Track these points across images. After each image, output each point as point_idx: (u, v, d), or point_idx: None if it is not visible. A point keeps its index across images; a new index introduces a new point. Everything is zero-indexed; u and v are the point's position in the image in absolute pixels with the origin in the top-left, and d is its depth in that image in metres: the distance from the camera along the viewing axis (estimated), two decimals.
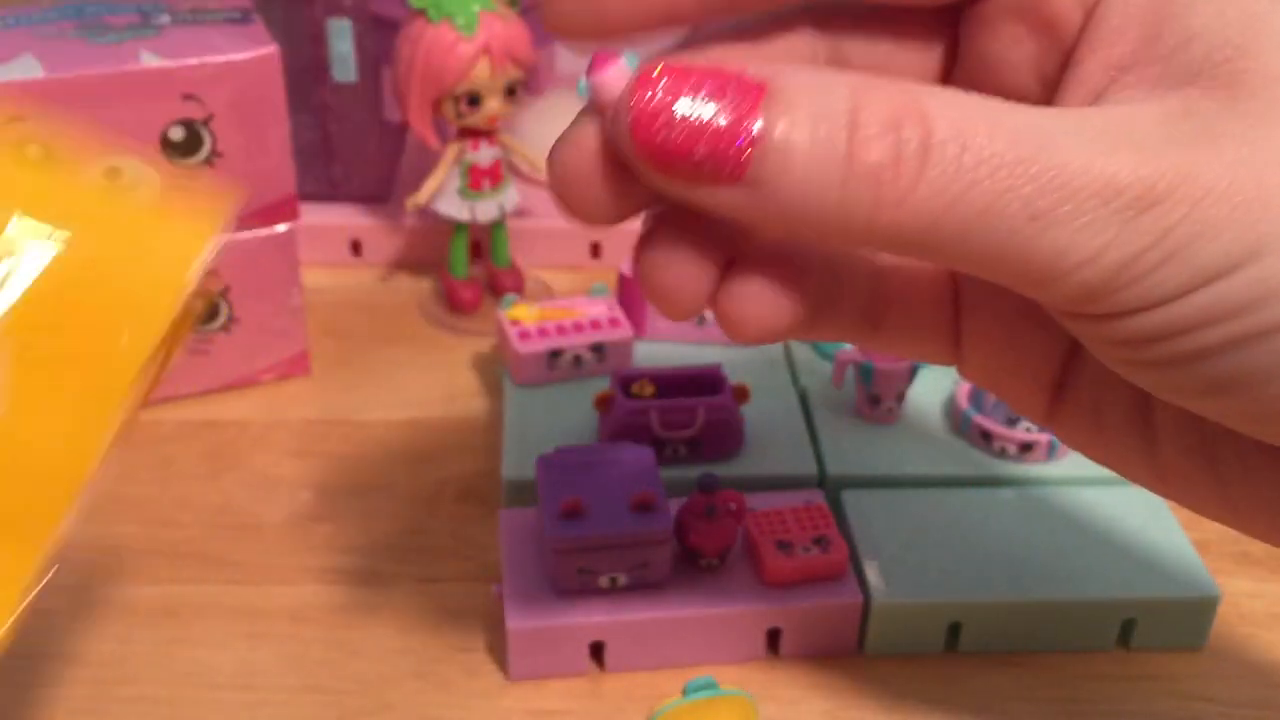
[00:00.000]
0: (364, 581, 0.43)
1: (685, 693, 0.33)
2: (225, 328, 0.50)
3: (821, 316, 0.26)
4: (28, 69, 0.44)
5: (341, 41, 0.56)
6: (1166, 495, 0.26)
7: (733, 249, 0.24)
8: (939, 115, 0.20)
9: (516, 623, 0.38)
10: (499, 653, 0.40)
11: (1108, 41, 0.23)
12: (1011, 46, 0.24)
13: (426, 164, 0.58)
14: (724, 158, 0.21)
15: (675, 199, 0.22)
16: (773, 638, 0.40)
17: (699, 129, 0.21)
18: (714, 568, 0.40)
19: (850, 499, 0.43)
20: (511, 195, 0.56)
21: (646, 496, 0.38)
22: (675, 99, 0.21)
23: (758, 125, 0.20)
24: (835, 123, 0.20)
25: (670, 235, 0.23)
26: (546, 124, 0.64)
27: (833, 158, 0.20)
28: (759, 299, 0.24)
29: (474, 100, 0.52)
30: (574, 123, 0.23)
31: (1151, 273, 0.21)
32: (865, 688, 0.39)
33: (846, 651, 0.40)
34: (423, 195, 0.54)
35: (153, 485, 0.47)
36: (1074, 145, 0.21)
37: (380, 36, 0.57)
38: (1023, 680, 0.39)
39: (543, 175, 0.61)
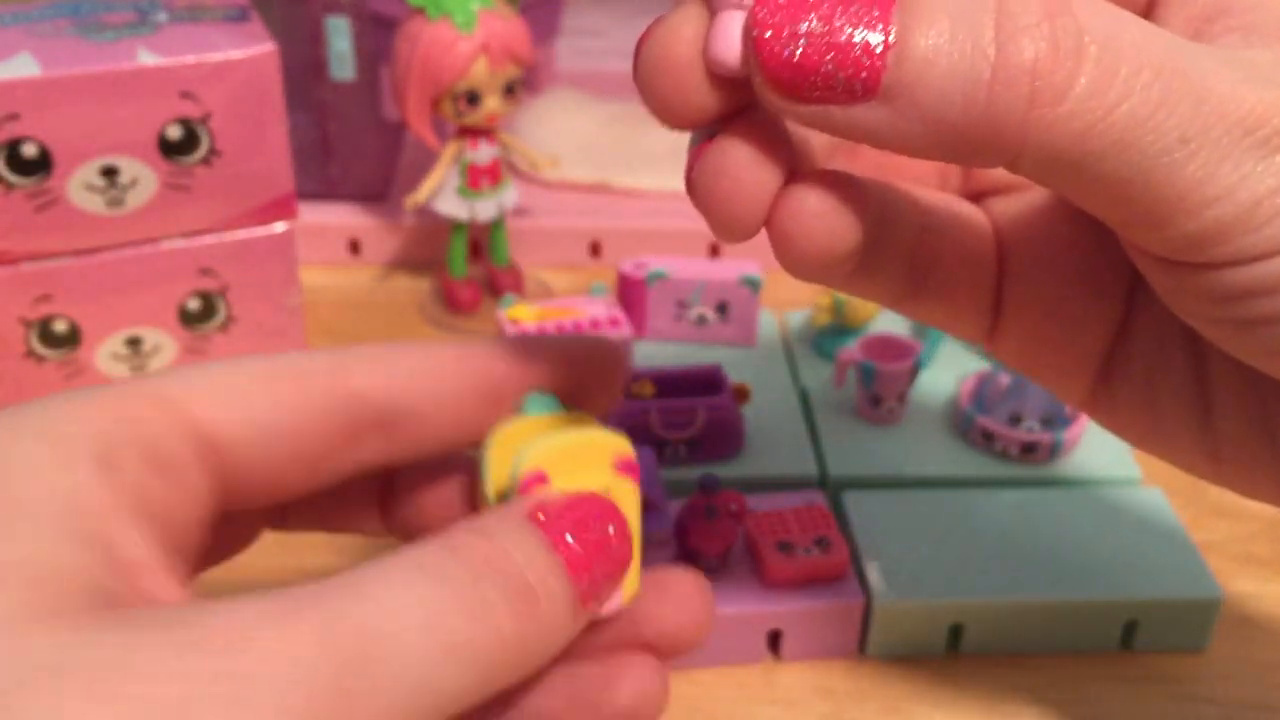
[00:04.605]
0: None
1: (525, 408, 0.28)
2: (223, 327, 0.50)
3: (868, 263, 0.24)
4: (24, 67, 0.44)
5: (340, 40, 0.56)
6: (1217, 478, 0.25)
7: (793, 165, 0.22)
8: (1091, 12, 0.19)
9: None
10: None
11: None
12: None
13: (425, 163, 0.58)
14: (857, 69, 0.19)
15: (812, 125, 0.20)
16: (774, 639, 0.39)
17: (826, 42, 0.19)
18: (714, 569, 0.40)
19: (851, 500, 0.43)
20: (511, 194, 0.56)
21: (646, 497, 0.38)
22: (799, 13, 0.19)
23: (892, 30, 0.19)
24: (981, 16, 0.19)
25: (729, 145, 0.22)
26: (546, 123, 0.64)
27: (978, 55, 0.19)
28: (817, 216, 0.22)
29: (473, 99, 0.52)
30: (673, 11, 0.21)
31: (1276, 218, 0.20)
32: (866, 689, 0.39)
33: (848, 653, 0.40)
34: (421, 194, 0.54)
35: None
36: (1219, 70, 0.20)
37: (379, 35, 0.57)
38: (1024, 682, 0.39)
39: (542, 174, 0.61)
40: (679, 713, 0.38)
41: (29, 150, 0.44)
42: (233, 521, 0.25)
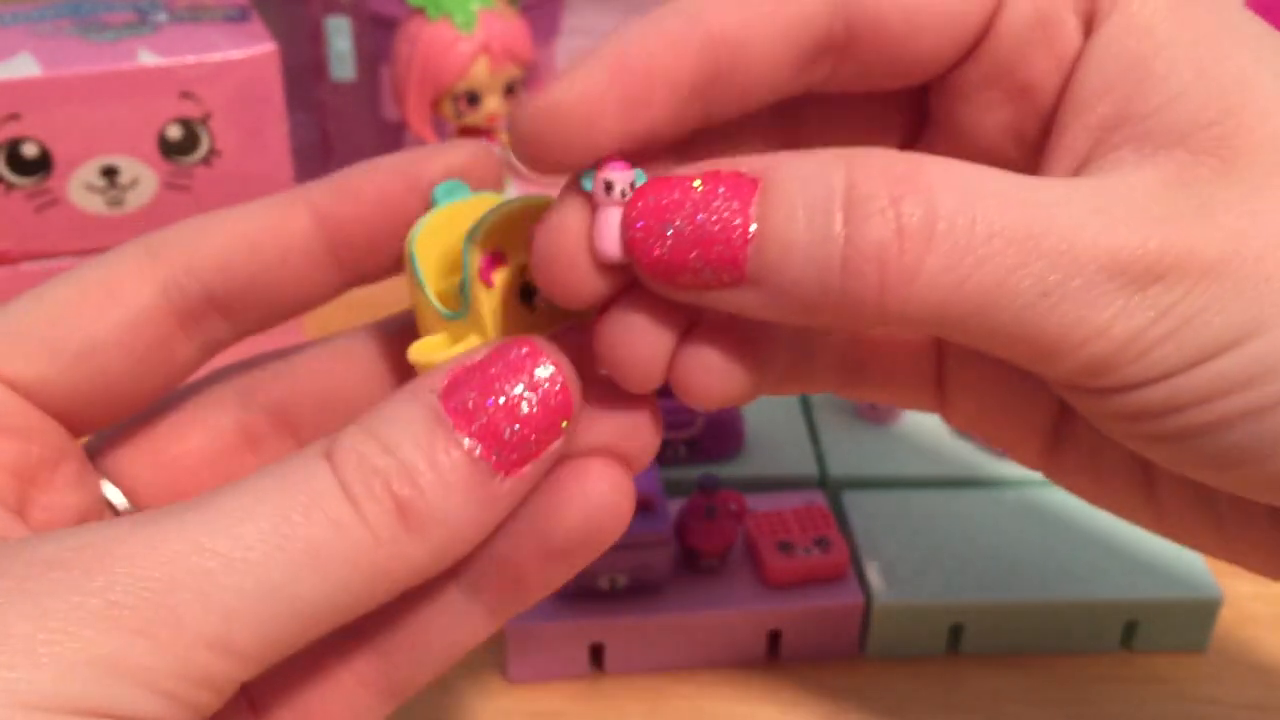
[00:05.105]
0: None
1: (435, 200, 0.27)
2: None
3: (794, 377, 0.25)
4: (25, 67, 0.44)
5: (340, 40, 0.56)
6: (1163, 534, 0.26)
7: (691, 318, 0.23)
8: (943, 186, 0.20)
9: (516, 623, 0.38)
10: (499, 653, 0.40)
11: (1089, 104, 0.22)
12: (985, 113, 0.24)
13: None
14: (721, 262, 0.20)
15: (692, 305, 0.22)
16: (773, 639, 0.39)
17: (692, 238, 0.20)
18: (714, 569, 0.40)
19: (851, 500, 0.43)
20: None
21: (646, 497, 0.38)
22: (665, 212, 0.21)
23: (752, 225, 0.20)
24: (830, 205, 0.20)
25: (626, 309, 0.23)
26: None
27: (829, 242, 0.20)
28: (710, 370, 0.23)
29: (473, 99, 0.52)
30: (558, 207, 0.22)
31: (1156, 347, 0.20)
32: (866, 690, 0.39)
33: (848, 653, 0.40)
34: None
35: None
36: (1079, 218, 0.20)
37: (379, 35, 0.57)
38: (1025, 682, 0.39)
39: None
40: (679, 713, 0.38)
41: (29, 150, 0.44)
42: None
